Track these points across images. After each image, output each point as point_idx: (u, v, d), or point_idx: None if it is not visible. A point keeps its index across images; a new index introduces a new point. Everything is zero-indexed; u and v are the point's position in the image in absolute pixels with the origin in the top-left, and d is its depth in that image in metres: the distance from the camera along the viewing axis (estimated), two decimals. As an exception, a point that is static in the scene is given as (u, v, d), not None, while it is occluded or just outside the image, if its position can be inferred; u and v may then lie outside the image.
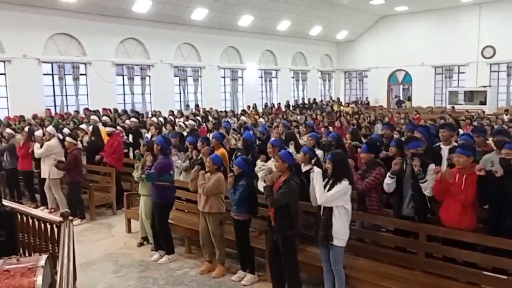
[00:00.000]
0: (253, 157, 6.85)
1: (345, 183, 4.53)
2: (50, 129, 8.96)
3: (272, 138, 7.63)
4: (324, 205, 4.59)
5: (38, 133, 9.05)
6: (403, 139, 6.71)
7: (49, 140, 8.60)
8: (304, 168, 5.80)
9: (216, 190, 5.74)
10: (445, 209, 4.82)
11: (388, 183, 5.14)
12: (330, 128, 12.34)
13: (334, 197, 4.51)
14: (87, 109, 16.79)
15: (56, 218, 4.59)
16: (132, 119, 10.82)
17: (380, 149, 6.18)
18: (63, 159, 8.42)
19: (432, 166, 4.99)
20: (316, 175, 4.63)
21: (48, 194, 8.68)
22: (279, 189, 4.84)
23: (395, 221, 5.25)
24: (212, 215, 5.81)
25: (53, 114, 15.87)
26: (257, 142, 8.26)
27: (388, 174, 5.15)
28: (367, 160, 5.52)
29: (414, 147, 5.22)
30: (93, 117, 11.44)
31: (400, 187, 5.15)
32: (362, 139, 8.37)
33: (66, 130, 9.83)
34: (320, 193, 4.55)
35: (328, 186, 4.58)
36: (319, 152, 6.72)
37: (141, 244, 7.07)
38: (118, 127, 10.00)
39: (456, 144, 6.14)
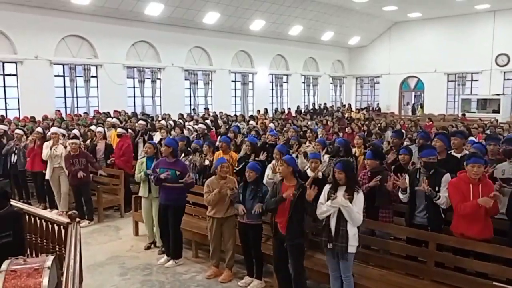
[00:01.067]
0: (269, 157, 6.92)
1: (361, 193, 4.54)
2: (55, 129, 9.02)
3: (279, 143, 7.61)
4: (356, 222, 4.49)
5: (55, 129, 9.07)
6: (413, 146, 6.67)
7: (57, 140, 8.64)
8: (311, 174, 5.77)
9: None
10: (466, 220, 4.71)
11: (402, 198, 5.18)
12: (341, 135, 12.33)
13: (361, 208, 4.50)
14: (97, 111, 16.95)
15: (64, 219, 4.61)
16: (140, 121, 10.84)
17: (384, 155, 6.17)
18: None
19: (447, 177, 4.94)
20: (349, 206, 4.47)
21: (57, 195, 8.70)
22: (298, 196, 4.78)
23: (405, 229, 5.22)
24: (229, 218, 5.81)
25: (63, 115, 16.00)
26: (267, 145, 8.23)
27: (400, 191, 5.14)
28: (373, 167, 5.53)
29: (427, 156, 5.07)
30: (109, 119, 11.47)
31: (413, 195, 5.13)
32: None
33: (76, 132, 9.90)
34: (354, 216, 4.43)
35: (335, 196, 4.53)
36: (326, 158, 6.70)
37: (148, 248, 7.08)
38: (129, 130, 10.03)
39: (467, 152, 6.07)
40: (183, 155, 7.81)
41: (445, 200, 4.82)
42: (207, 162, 7.44)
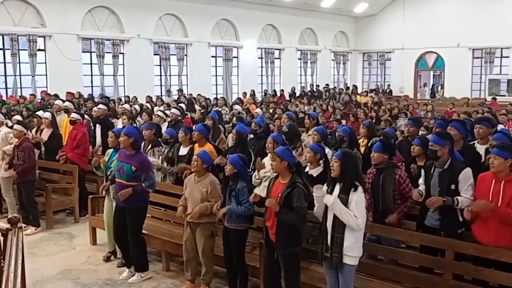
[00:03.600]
0: (248, 156, 6.82)
1: (361, 193, 4.55)
2: None
3: (274, 132, 7.59)
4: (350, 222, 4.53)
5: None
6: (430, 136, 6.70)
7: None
8: (311, 171, 5.80)
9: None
10: (480, 223, 4.83)
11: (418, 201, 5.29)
12: (344, 122, 12.36)
13: (361, 211, 4.51)
14: (45, 92, 16.74)
15: (2, 224, 4.58)
16: (100, 106, 10.72)
17: (395, 150, 6.19)
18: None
19: (466, 173, 5.01)
20: (334, 203, 4.51)
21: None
22: (285, 197, 4.84)
23: (418, 235, 5.27)
24: (203, 225, 5.81)
25: (4, 97, 15.79)
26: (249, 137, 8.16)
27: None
28: (380, 162, 5.54)
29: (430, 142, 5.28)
30: (58, 102, 11.36)
31: (427, 192, 5.19)
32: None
33: (18, 117, 9.79)
34: (351, 219, 4.47)
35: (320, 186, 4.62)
36: (326, 150, 6.70)
37: (108, 259, 7.06)
38: (85, 116, 9.92)
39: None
40: (150, 146, 7.78)
41: (469, 202, 4.86)
42: (183, 152, 7.42)
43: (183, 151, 7.50)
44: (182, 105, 13.41)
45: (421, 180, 5.45)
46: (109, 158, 6.79)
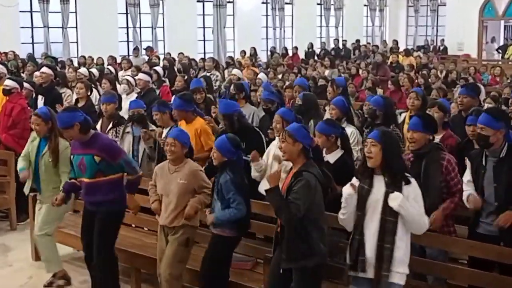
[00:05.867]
0: (250, 144, 6.78)
1: (414, 184, 4.63)
2: None
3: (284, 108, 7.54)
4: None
5: None
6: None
7: None
8: (328, 156, 5.88)
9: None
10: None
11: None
12: (379, 92, 12.32)
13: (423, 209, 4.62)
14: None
15: None
16: (44, 69, 10.70)
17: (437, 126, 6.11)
18: None
19: None
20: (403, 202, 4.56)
21: None
22: (288, 189, 4.88)
23: (478, 246, 5.22)
24: (178, 227, 5.82)
25: None
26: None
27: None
28: (422, 145, 5.53)
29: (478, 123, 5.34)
30: None
31: (480, 190, 5.26)
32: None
33: None
34: (423, 219, 4.62)
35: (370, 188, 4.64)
36: (349, 131, 6.73)
37: (50, 285, 6.95)
38: (25, 84, 9.92)
39: None
40: (111, 125, 7.79)
41: None
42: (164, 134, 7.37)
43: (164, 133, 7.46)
44: (158, 68, 13.34)
45: (467, 175, 5.45)
46: (39, 149, 6.75)
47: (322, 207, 4.98)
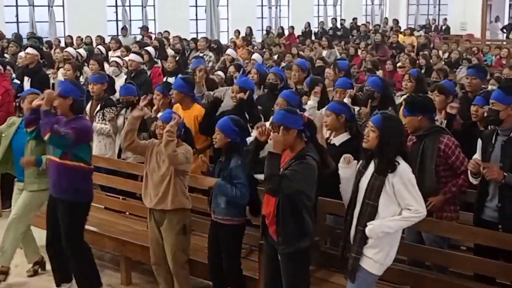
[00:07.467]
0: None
1: (404, 167, 4.66)
2: None
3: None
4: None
5: None
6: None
7: None
8: (334, 139, 5.98)
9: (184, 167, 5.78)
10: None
11: (473, 182, 5.45)
12: (379, 73, 12.29)
13: (414, 193, 4.68)
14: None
15: None
16: (29, 50, 10.66)
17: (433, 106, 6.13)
18: None
19: None
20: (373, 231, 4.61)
21: None
22: (285, 168, 4.89)
23: (481, 233, 5.22)
24: (170, 214, 5.78)
25: None
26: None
27: (470, 173, 5.36)
28: (416, 128, 5.58)
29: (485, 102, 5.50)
30: None
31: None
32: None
33: None
34: (404, 222, 4.72)
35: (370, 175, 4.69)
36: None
37: (35, 273, 6.98)
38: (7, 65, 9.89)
39: None
40: (98, 107, 7.81)
41: None
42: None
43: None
44: (149, 48, 13.28)
45: (477, 155, 5.50)
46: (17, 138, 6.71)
47: (314, 189, 4.99)
